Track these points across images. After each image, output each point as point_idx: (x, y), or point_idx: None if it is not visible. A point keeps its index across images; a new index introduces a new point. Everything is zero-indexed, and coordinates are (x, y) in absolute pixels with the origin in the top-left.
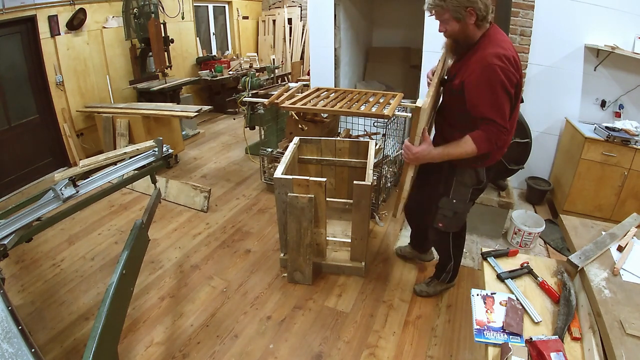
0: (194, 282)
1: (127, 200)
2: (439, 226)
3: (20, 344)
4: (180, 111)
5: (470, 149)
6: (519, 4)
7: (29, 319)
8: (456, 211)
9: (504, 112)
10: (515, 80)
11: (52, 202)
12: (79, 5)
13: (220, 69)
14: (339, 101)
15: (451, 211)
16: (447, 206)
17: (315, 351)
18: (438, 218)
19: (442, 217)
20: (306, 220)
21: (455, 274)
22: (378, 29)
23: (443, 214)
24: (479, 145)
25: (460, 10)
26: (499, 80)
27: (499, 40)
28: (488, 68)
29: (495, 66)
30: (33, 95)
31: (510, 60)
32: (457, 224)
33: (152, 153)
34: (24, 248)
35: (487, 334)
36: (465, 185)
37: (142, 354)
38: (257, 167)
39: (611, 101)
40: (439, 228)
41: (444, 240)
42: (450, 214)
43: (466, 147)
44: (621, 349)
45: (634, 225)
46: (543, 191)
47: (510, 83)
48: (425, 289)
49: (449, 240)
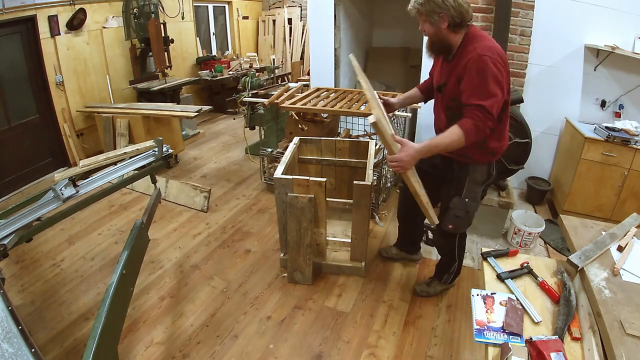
0: (194, 282)
1: (127, 200)
2: (449, 228)
3: (20, 344)
4: (180, 111)
5: (457, 137)
6: (519, 4)
7: (29, 319)
8: (468, 210)
9: (492, 99)
10: (504, 73)
11: (52, 202)
12: (79, 5)
13: (220, 69)
14: (339, 101)
15: (463, 211)
16: (459, 206)
17: (315, 351)
18: (449, 219)
19: (454, 218)
20: (306, 220)
21: (457, 275)
22: (378, 29)
23: (455, 214)
24: (467, 132)
25: (433, 15)
26: (490, 70)
27: (484, 37)
28: (479, 59)
29: (486, 57)
30: (33, 95)
31: (500, 55)
32: (466, 224)
33: (152, 153)
34: (24, 248)
35: (487, 334)
36: (478, 183)
37: (142, 354)
38: (257, 167)
39: (611, 101)
40: (449, 230)
41: (450, 242)
42: (462, 214)
43: (453, 135)
44: (621, 349)
45: (634, 225)
46: (543, 191)
47: (500, 75)
48: (425, 289)
49: (455, 241)
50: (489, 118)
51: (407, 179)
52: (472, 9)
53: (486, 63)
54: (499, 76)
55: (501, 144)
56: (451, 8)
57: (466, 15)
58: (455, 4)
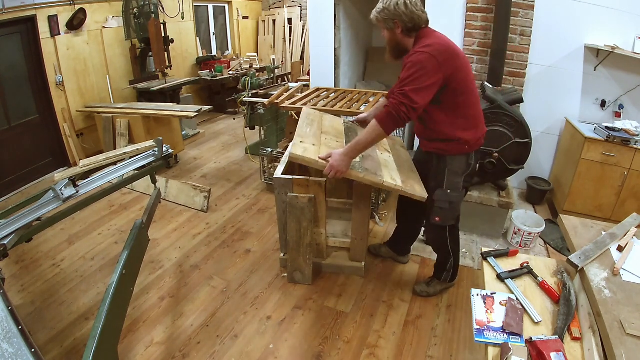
0: (194, 282)
1: (127, 200)
2: (436, 221)
3: (20, 344)
4: (180, 111)
5: (373, 129)
6: (519, 4)
7: (29, 319)
8: (452, 201)
9: (418, 91)
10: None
11: (52, 202)
12: (79, 5)
13: (220, 69)
14: (339, 101)
15: (447, 202)
16: (442, 198)
17: (315, 351)
18: (435, 212)
19: (439, 210)
20: (306, 220)
21: (455, 272)
22: (378, 29)
23: (439, 206)
24: (381, 122)
25: (389, 22)
26: (420, 63)
27: (429, 36)
28: (413, 56)
29: (419, 52)
30: (33, 95)
31: (441, 50)
32: (453, 216)
33: (152, 153)
34: (24, 248)
35: (487, 334)
36: (457, 174)
37: (142, 354)
38: (257, 167)
39: (611, 101)
40: (436, 223)
41: (441, 235)
42: (446, 205)
43: (370, 129)
44: (621, 349)
45: (634, 225)
46: (543, 191)
47: (435, 66)
48: (425, 289)
49: (446, 235)
50: (403, 104)
51: (358, 179)
52: (426, 14)
53: (418, 58)
54: (432, 67)
55: (472, 134)
56: (403, 15)
57: (418, 20)
58: (407, 11)
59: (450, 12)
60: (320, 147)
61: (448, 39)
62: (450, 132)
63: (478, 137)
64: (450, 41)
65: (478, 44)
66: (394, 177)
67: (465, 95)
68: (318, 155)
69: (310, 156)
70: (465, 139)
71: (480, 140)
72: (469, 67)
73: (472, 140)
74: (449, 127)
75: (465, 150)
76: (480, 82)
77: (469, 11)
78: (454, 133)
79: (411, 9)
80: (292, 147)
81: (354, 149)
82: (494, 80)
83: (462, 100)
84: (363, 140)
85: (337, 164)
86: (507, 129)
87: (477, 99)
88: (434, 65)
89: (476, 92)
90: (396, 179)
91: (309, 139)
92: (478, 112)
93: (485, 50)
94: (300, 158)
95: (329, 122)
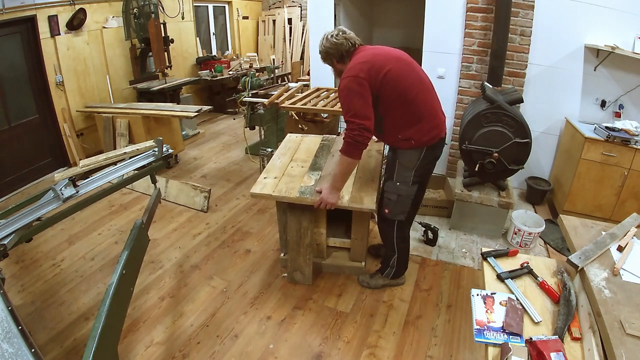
0: (194, 282)
1: (127, 200)
2: (385, 213)
3: (20, 344)
4: (180, 111)
5: (342, 160)
6: (519, 4)
7: (29, 319)
8: (399, 194)
9: (358, 113)
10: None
11: (52, 202)
12: (79, 5)
13: (220, 69)
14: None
15: (395, 194)
16: (391, 189)
17: (315, 351)
18: (384, 203)
19: (387, 202)
20: (306, 220)
21: (400, 271)
22: (378, 29)
23: (388, 197)
24: (344, 152)
25: (327, 60)
26: (347, 88)
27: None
28: (340, 83)
29: (344, 80)
30: (33, 95)
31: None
32: (401, 209)
33: (152, 153)
34: (24, 248)
35: (487, 334)
36: (407, 167)
37: (142, 354)
38: (257, 167)
39: (611, 101)
40: (385, 215)
41: (388, 228)
42: (394, 197)
43: (340, 161)
44: (621, 349)
45: (634, 225)
46: (543, 191)
47: (358, 87)
48: (367, 280)
49: (393, 229)
50: (353, 130)
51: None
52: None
53: (343, 84)
54: (357, 86)
55: (414, 130)
56: (329, 49)
57: (346, 46)
58: (331, 45)
59: (450, 12)
60: (281, 179)
61: (374, 52)
62: (395, 132)
63: (421, 132)
64: (375, 54)
65: (478, 44)
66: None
67: (402, 97)
68: (315, 189)
69: (267, 191)
70: (408, 135)
71: (431, 132)
72: (403, 68)
73: (415, 135)
74: (393, 129)
75: (412, 145)
76: (480, 82)
77: (469, 11)
78: (398, 132)
79: (332, 41)
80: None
81: (334, 182)
82: (494, 80)
83: (398, 104)
84: (339, 173)
85: (327, 196)
86: (507, 129)
87: (417, 93)
88: (359, 83)
89: (418, 85)
90: (344, 195)
91: (273, 172)
92: (421, 106)
93: (485, 50)
94: (259, 195)
95: (306, 144)
